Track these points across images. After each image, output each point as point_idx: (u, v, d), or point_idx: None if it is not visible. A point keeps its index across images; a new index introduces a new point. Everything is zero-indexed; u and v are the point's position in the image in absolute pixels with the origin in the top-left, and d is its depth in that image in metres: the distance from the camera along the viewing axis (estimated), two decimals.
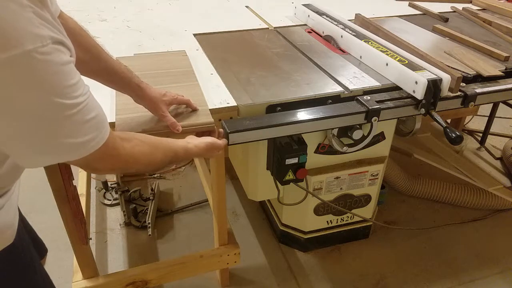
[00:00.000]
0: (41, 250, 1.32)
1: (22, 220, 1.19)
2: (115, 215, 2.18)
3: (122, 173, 0.91)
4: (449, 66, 1.41)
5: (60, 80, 0.66)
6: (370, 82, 1.39)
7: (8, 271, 0.94)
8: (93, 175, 2.39)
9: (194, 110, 1.19)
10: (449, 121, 2.75)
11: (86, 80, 1.07)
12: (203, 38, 1.71)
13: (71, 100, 0.68)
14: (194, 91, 1.29)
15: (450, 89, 1.32)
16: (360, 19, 1.84)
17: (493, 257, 1.98)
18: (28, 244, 1.01)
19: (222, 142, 1.13)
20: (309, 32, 1.80)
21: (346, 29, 1.63)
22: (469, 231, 2.12)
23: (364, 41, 1.53)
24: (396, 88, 1.37)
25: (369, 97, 1.29)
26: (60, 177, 1.26)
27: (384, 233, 2.08)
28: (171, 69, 1.42)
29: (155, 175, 2.45)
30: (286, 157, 1.38)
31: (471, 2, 2.27)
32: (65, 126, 0.69)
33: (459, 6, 2.20)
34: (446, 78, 1.28)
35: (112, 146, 0.82)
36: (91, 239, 1.68)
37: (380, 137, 1.67)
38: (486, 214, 2.22)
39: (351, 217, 1.90)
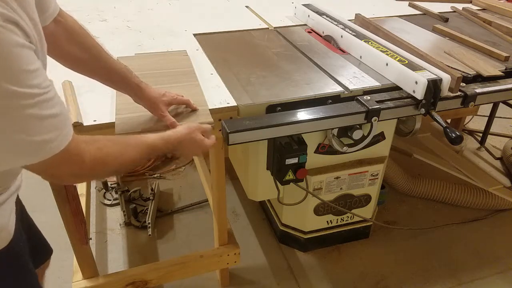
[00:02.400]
0: (46, 251, 1.30)
1: (28, 221, 1.18)
2: (115, 215, 2.18)
3: (90, 180, 0.83)
4: (449, 66, 1.41)
5: (10, 62, 0.59)
6: (370, 82, 1.39)
7: None
8: None
9: (194, 110, 1.19)
10: (449, 121, 2.75)
11: (87, 79, 1.09)
12: (203, 38, 1.71)
13: (25, 89, 0.61)
14: (194, 91, 1.29)
15: (450, 89, 1.31)
16: (360, 19, 1.84)
17: (493, 257, 1.98)
18: (23, 250, 0.99)
19: (206, 126, 1.07)
20: (309, 32, 1.80)
21: (346, 29, 1.63)
22: (469, 231, 2.12)
23: (364, 41, 1.53)
24: (396, 88, 1.37)
25: (369, 97, 1.29)
26: None
27: (384, 233, 2.08)
28: (172, 69, 1.42)
29: (155, 175, 2.45)
30: (286, 157, 1.38)
31: (471, 2, 2.27)
32: (17, 119, 0.62)
33: (459, 6, 2.20)
34: (446, 78, 1.28)
35: (75, 151, 0.74)
36: (91, 239, 1.68)
37: (380, 137, 1.67)
38: (486, 214, 2.22)
39: (351, 217, 1.90)
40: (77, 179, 0.84)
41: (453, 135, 1.25)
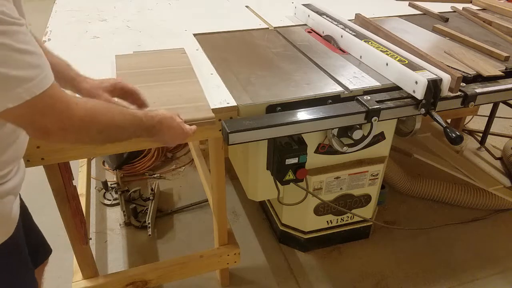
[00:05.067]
0: (45, 251, 1.30)
1: (29, 220, 1.18)
2: (115, 215, 2.18)
3: (79, 139, 0.85)
4: (449, 66, 1.41)
5: None
6: (370, 82, 1.39)
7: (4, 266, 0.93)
8: (93, 175, 2.39)
9: (143, 104, 1.13)
10: (449, 121, 2.75)
11: None
12: (203, 38, 1.71)
13: None
14: (193, 87, 1.30)
15: (450, 89, 1.31)
16: (360, 19, 1.84)
17: (493, 257, 1.98)
18: (24, 245, 1.00)
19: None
20: (309, 32, 1.80)
21: (346, 29, 1.63)
22: (469, 231, 2.12)
23: (364, 41, 1.53)
24: (396, 88, 1.37)
25: (369, 97, 1.29)
26: (60, 177, 1.26)
27: (384, 233, 2.08)
28: (170, 66, 1.43)
29: (155, 175, 2.45)
30: (286, 157, 1.38)
31: (471, 2, 2.27)
32: None
33: (459, 6, 2.20)
34: (446, 78, 1.28)
35: (60, 98, 0.73)
36: (91, 239, 1.69)
37: (380, 137, 1.67)
38: (486, 214, 2.22)
39: (351, 217, 1.90)
40: (67, 133, 0.77)
41: (453, 135, 1.25)
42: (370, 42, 1.52)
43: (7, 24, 0.63)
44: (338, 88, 1.35)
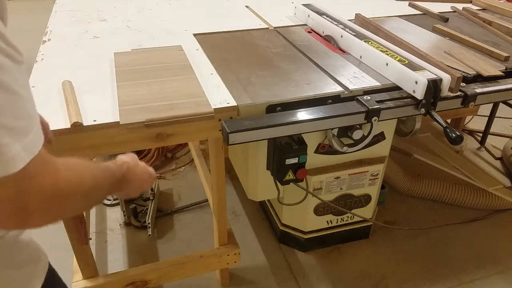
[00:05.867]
0: None
1: None
2: (115, 215, 2.18)
3: (58, 215, 0.59)
4: (449, 66, 1.41)
5: None
6: (370, 82, 1.39)
7: None
8: None
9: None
10: (449, 121, 2.75)
11: (87, 79, 1.08)
12: (203, 38, 1.71)
13: (12, 50, 0.50)
14: (191, 83, 1.32)
15: (450, 89, 1.31)
16: (360, 19, 1.84)
17: (493, 257, 1.98)
18: None
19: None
20: (309, 32, 1.80)
21: (346, 29, 1.63)
22: (469, 231, 2.12)
23: (364, 41, 1.53)
24: (396, 88, 1.37)
25: (369, 97, 1.29)
26: None
27: (384, 233, 2.08)
28: (168, 63, 1.45)
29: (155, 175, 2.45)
30: (286, 157, 1.38)
31: (471, 2, 2.27)
32: None
33: (459, 6, 2.20)
34: (446, 78, 1.28)
35: (47, 157, 0.56)
36: (91, 239, 1.69)
37: (380, 137, 1.67)
38: (486, 214, 2.22)
39: (351, 217, 1.90)
40: (51, 206, 0.56)
41: (453, 135, 1.25)
42: (370, 42, 1.52)
43: (10, 59, 0.50)
44: (338, 88, 1.35)
